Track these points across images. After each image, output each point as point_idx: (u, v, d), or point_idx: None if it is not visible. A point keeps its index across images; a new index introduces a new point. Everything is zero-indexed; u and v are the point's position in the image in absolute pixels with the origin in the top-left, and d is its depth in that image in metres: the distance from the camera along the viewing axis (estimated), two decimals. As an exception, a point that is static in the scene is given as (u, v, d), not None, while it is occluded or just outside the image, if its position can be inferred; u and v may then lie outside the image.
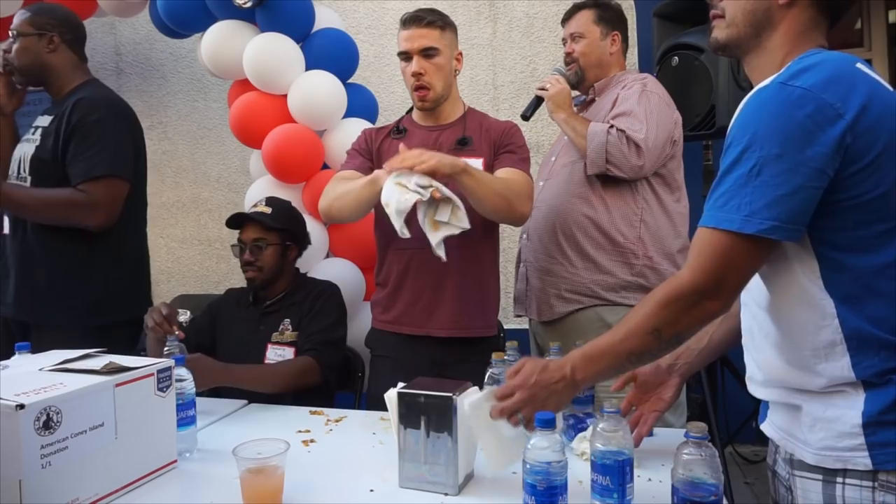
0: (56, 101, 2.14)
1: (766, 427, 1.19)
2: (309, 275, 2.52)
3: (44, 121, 2.10)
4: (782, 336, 1.08)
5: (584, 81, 2.17)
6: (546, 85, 2.10)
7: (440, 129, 1.95)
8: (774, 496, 1.21)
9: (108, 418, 1.20)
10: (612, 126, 1.91)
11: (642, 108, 1.93)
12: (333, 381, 2.01)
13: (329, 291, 2.10)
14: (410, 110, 2.05)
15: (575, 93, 2.21)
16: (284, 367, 1.91)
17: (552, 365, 1.17)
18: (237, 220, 2.10)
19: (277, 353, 1.98)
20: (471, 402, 1.21)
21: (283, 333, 2.00)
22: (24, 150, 2.09)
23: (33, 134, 2.10)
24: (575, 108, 2.12)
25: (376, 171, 1.77)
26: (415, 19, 1.87)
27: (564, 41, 2.19)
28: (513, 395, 1.17)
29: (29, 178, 2.06)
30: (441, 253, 1.65)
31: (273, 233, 2.06)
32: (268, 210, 2.09)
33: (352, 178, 1.85)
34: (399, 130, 1.98)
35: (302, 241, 2.18)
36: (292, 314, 2.03)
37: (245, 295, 2.15)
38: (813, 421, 1.03)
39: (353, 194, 1.79)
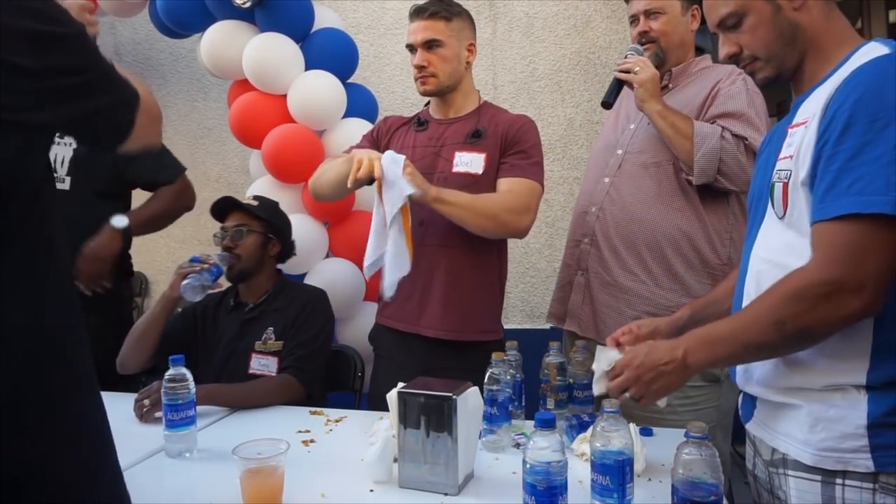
0: None
1: (752, 426, 1.18)
2: (309, 275, 2.52)
3: None
4: None
5: (664, 65, 1.86)
6: (633, 67, 1.76)
7: (450, 122, 1.92)
8: (757, 500, 1.20)
9: None
10: (724, 129, 1.66)
11: (754, 112, 1.68)
12: (317, 393, 1.93)
13: (315, 300, 2.02)
14: (428, 102, 2.01)
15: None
16: (264, 386, 1.85)
17: (663, 346, 1.14)
18: (222, 210, 2.08)
19: (262, 363, 1.92)
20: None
21: (266, 343, 1.93)
22: (58, 151, 2.16)
23: (61, 137, 2.15)
24: None
25: (356, 150, 1.78)
26: (419, 12, 1.85)
27: (634, 19, 1.88)
28: (621, 374, 1.16)
29: (68, 179, 2.16)
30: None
31: (256, 221, 2.03)
32: (254, 203, 2.08)
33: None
34: (420, 122, 1.96)
35: (285, 238, 2.11)
36: (276, 321, 1.96)
37: (226, 298, 2.09)
38: (815, 421, 1.02)
39: (332, 171, 1.86)
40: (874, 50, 1.05)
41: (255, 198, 2.12)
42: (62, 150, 2.17)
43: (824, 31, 1.11)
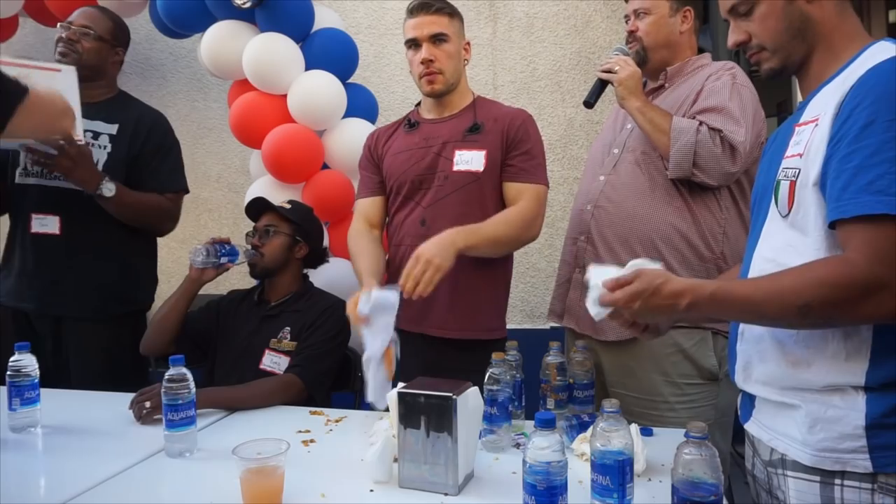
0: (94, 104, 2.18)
1: (751, 426, 1.18)
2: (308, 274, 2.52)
3: (104, 127, 2.18)
4: (806, 334, 1.04)
5: (646, 63, 1.88)
6: (614, 66, 1.81)
7: (446, 119, 1.92)
8: (756, 500, 1.20)
9: None
10: (701, 123, 1.68)
11: (736, 105, 1.69)
12: (319, 396, 1.92)
13: (335, 308, 2.03)
14: (419, 104, 2.02)
15: None
16: (264, 387, 1.84)
17: (673, 283, 1.09)
18: (256, 210, 2.14)
19: (273, 361, 1.95)
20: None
21: (280, 341, 1.98)
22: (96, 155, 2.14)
23: (95, 138, 2.15)
24: None
25: (365, 281, 1.74)
26: (423, 6, 1.85)
27: (627, 18, 1.92)
28: (620, 290, 1.11)
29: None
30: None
31: (285, 223, 2.09)
32: (287, 206, 2.14)
33: (362, 225, 1.96)
34: (411, 124, 1.96)
35: (313, 242, 2.16)
36: (293, 322, 2.00)
37: (251, 294, 2.16)
38: (813, 422, 1.02)
39: (355, 264, 1.89)
40: (884, 49, 1.04)
41: (290, 202, 2.18)
42: (96, 153, 2.13)
43: (835, 28, 1.11)
